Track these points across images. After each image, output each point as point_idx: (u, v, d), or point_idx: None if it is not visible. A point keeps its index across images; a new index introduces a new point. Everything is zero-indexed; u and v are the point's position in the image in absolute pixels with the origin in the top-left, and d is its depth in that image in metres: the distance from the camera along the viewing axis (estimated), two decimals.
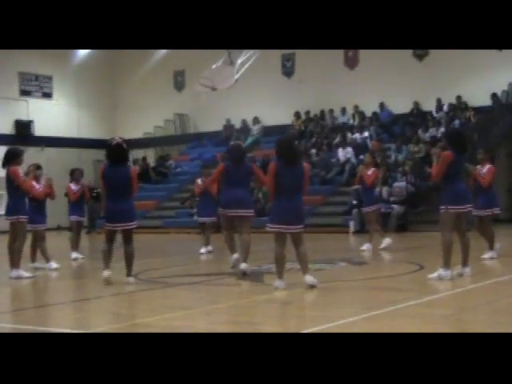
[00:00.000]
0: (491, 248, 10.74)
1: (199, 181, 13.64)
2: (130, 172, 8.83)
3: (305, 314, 6.87)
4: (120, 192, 8.69)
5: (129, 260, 8.84)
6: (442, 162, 8.31)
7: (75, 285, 10.05)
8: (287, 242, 8.00)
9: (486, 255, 10.69)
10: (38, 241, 11.22)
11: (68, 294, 9.06)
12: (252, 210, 9.71)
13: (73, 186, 13.01)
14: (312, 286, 7.81)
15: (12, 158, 9.85)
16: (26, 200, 10.04)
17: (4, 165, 9.89)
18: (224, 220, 9.93)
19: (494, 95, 20.73)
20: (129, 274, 8.89)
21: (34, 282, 9.81)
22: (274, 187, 7.91)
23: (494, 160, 11.12)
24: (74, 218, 12.97)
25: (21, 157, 9.93)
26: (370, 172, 13.02)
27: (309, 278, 7.89)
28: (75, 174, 13.20)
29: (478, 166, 10.72)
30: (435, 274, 8.35)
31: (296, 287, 7.99)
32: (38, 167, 11.39)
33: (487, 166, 10.72)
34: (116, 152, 8.75)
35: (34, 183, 11.08)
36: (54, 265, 11.09)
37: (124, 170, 8.77)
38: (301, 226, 7.92)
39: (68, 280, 10.61)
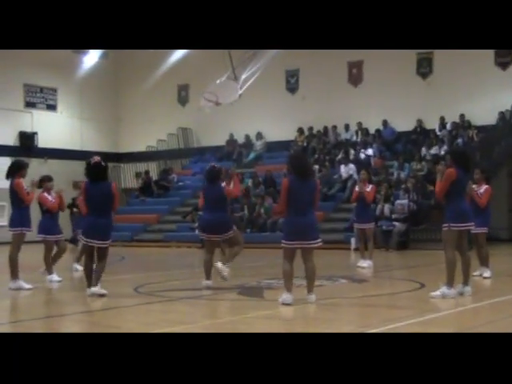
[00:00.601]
0: (487, 266, 10.75)
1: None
2: (111, 188, 8.94)
3: (303, 330, 6.82)
4: (100, 208, 8.88)
5: (97, 273, 8.91)
6: (446, 179, 8.30)
7: (74, 297, 10.00)
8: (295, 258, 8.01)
9: (486, 274, 10.69)
10: (46, 251, 11.17)
11: (67, 306, 9.03)
12: (230, 231, 9.80)
13: None
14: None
15: (16, 170, 9.87)
16: (30, 212, 10.01)
17: (8, 177, 9.90)
18: (205, 242, 10.01)
19: (501, 113, 20.71)
20: (94, 284, 8.88)
21: (33, 293, 9.77)
22: (286, 202, 7.90)
23: (490, 180, 11.12)
24: None
25: (25, 169, 9.97)
26: (369, 189, 13.07)
27: (311, 298, 7.93)
28: None
29: (474, 186, 10.75)
30: (438, 292, 8.30)
31: (295, 304, 7.96)
32: (50, 179, 11.42)
33: (484, 186, 10.76)
34: (94, 170, 8.95)
35: (47, 195, 11.13)
36: (55, 277, 11.06)
37: (105, 187, 8.90)
38: (313, 242, 7.91)
39: (67, 292, 10.57)
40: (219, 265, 9.70)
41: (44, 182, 11.28)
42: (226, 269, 9.78)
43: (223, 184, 10.12)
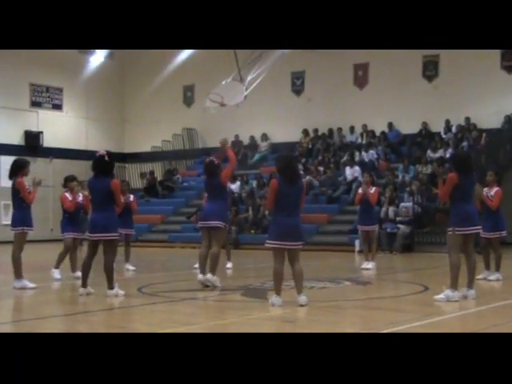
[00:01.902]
0: (497, 270, 10.76)
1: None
2: (109, 185, 8.82)
3: (306, 332, 6.81)
4: (100, 203, 8.88)
5: (106, 273, 8.90)
6: (448, 183, 8.34)
7: (79, 297, 10.01)
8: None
9: (493, 277, 10.70)
10: (64, 249, 11.29)
11: (71, 305, 9.02)
12: (220, 222, 9.88)
13: None
14: (303, 305, 7.88)
15: (18, 170, 9.88)
16: (31, 210, 10.02)
17: (11, 176, 9.91)
18: (202, 233, 10.32)
19: (507, 117, 20.65)
20: (109, 287, 8.92)
21: (37, 292, 9.78)
22: (274, 203, 7.94)
23: (501, 182, 11.14)
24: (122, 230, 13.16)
25: (27, 168, 9.96)
26: (372, 191, 13.08)
27: (302, 299, 7.92)
28: (122, 185, 13.32)
29: (486, 188, 10.76)
30: (442, 295, 8.31)
31: (299, 305, 7.94)
32: (73, 179, 11.47)
33: (495, 189, 10.75)
34: (95, 164, 8.94)
35: (67, 195, 11.19)
36: (56, 274, 11.15)
37: (104, 182, 8.83)
38: (298, 243, 7.95)
39: (72, 292, 10.57)
40: (209, 276, 9.73)
41: (68, 181, 11.38)
42: (216, 279, 9.81)
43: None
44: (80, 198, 11.29)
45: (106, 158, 8.89)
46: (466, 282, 8.56)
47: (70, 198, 11.22)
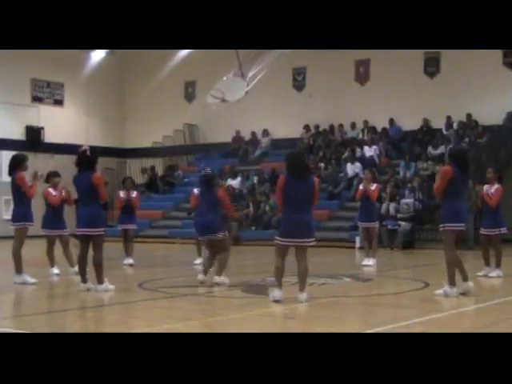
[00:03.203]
0: (498, 266, 10.76)
1: (195, 190, 12.67)
2: (91, 178, 8.89)
3: (307, 329, 6.82)
4: (85, 198, 8.95)
5: (94, 268, 8.96)
6: (442, 176, 8.38)
7: (79, 292, 10.01)
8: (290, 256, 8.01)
9: (493, 273, 10.70)
10: (48, 245, 11.27)
11: (71, 301, 9.03)
12: (221, 234, 9.71)
13: (121, 194, 13.20)
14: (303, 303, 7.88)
15: (17, 165, 9.88)
16: (31, 206, 10.02)
17: (10, 172, 9.91)
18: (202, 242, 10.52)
19: (509, 114, 20.61)
20: (98, 282, 8.96)
21: (37, 287, 9.79)
22: (281, 200, 7.91)
23: (502, 180, 11.12)
24: (124, 226, 13.19)
25: (25, 163, 9.96)
26: (373, 187, 13.05)
27: (302, 296, 7.91)
28: (126, 183, 13.41)
29: (486, 186, 10.75)
30: (441, 291, 8.37)
31: (299, 302, 7.94)
32: (56, 175, 11.47)
33: (495, 186, 10.74)
34: (80, 159, 9.03)
35: (51, 190, 11.18)
36: (55, 270, 11.17)
37: (87, 177, 8.91)
38: (306, 240, 7.90)
39: (72, 287, 10.56)
40: (217, 279, 9.60)
41: (51, 177, 11.37)
42: (224, 278, 9.67)
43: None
44: (63, 193, 11.27)
45: (88, 153, 9.02)
46: (461, 277, 8.51)
47: (54, 193, 11.21)
